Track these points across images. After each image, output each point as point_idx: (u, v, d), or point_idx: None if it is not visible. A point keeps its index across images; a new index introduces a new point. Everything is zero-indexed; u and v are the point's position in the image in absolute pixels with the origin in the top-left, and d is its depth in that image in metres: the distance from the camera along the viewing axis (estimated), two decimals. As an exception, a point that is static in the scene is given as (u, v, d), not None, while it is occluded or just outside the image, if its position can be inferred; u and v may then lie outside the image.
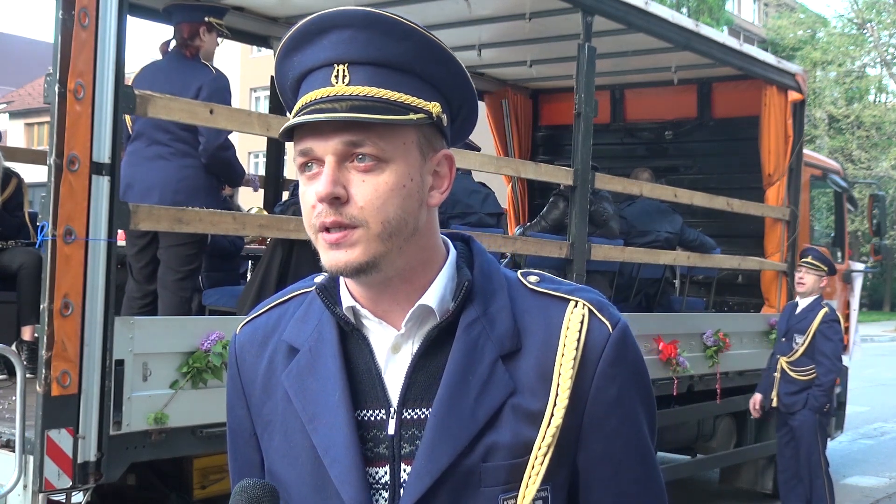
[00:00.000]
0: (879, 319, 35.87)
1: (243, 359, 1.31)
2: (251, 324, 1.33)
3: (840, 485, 8.41)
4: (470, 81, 1.23)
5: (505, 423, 1.15)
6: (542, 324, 1.19)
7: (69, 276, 3.28)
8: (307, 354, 1.22)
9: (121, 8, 3.42)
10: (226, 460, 4.46)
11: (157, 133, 4.58)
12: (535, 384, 1.16)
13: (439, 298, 1.18)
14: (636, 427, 1.21)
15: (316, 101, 1.14)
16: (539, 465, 1.14)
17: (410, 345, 1.19)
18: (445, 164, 1.21)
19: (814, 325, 6.10)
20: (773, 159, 7.26)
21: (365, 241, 1.13)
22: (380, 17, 1.14)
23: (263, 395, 1.26)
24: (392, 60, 1.14)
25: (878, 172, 31.69)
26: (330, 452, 1.16)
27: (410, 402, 1.17)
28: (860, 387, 13.54)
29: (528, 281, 1.24)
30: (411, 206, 1.15)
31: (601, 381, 1.17)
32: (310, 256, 4.74)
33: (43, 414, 3.23)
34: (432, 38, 1.17)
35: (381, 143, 1.12)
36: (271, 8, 6.32)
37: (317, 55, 1.15)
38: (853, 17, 33.88)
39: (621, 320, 1.20)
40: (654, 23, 6.00)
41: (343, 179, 1.13)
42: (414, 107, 1.14)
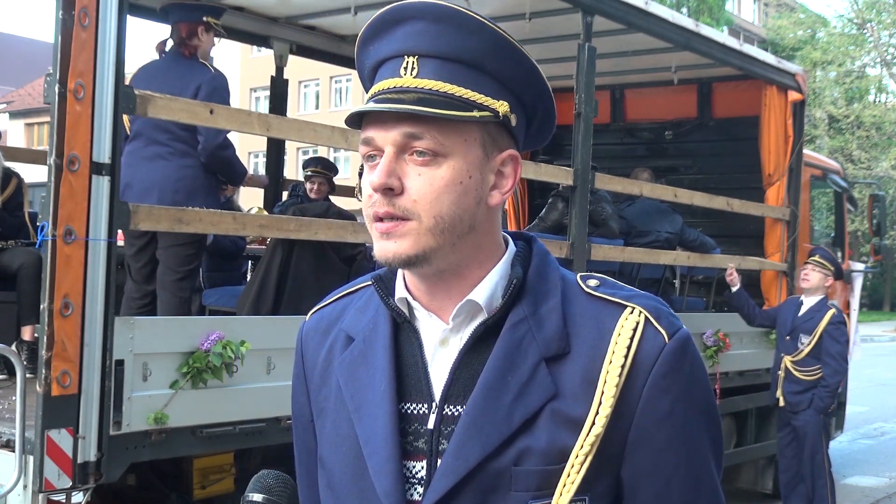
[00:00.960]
0: (879, 319, 35.87)
1: (307, 346, 1.32)
2: (318, 313, 1.34)
3: (840, 485, 8.41)
4: (544, 81, 1.21)
5: (542, 427, 1.12)
6: (593, 328, 1.15)
7: (69, 276, 3.27)
8: (361, 344, 1.22)
9: (121, 8, 3.42)
10: (226, 460, 4.44)
11: (156, 133, 4.58)
12: (578, 390, 1.12)
13: (489, 295, 1.17)
14: (691, 444, 1.15)
15: (384, 91, 1.15)
16: (575, 473, 1.10)
17: (458, 340, 1.18)
18: (510, 165, 1.19)
19: (821, 326, 6.09)
20: (773, 159, 7.26)
21: (416, 234, 1.12)
22: (452, 10, 1.14)
23: (321, 382, 1.27)
24: (462, 55, 1.14)
25: (878, 172, 31.68)
26: (370, 443, 1.16)
27: (452, 398, 1.16)
28: (860, 387, 13.54)
29: (586, 284, 1.20)
30: (467, 203, 1.14)
31: (652, 391, 1.12)
32: (310, 256, 4.75)
33: (43, 414, 3.23)
34: (504, 34, 1.16)
35: (440, 137, 1.12)
36: (271, 8, 6.32)
37: (389, 46, 1.16)
38: (853, 17, 33.87)
39: (681, 330, 1.15)
40: (654, 23, 6.00)
41: (399, 171, 1.13)
42: (479, 104, 1.14)
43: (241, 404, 3.89)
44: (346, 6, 5.97)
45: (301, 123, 4.48)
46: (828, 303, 6.30)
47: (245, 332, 3.88)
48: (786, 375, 6.24)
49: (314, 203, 6.04)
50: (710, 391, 1.19)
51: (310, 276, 4.73)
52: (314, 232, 4.31)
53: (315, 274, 4.75)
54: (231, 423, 3.86)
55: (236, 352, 3.77)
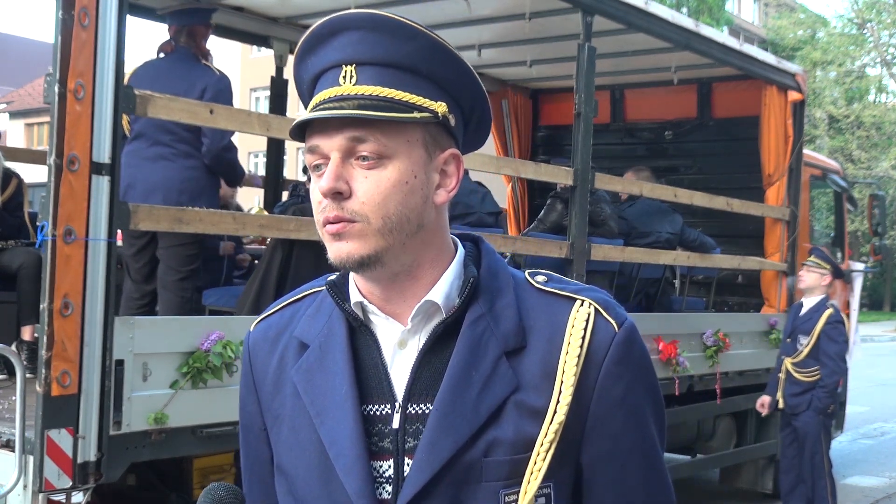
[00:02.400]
0: (879, 319, 35.87)
1: (256, 355, 1.34)
2: (265, 321, 1.36)
3: (840, 485, 8.40)
4: (479, 84, 1.24)
5: (507, 418, 1.16)
6: (547, 322, 1.20)
7: (69, 276, 3.28)
8: (317, 350, 1.25)
9: (121, 8, 3.42)
10: (226, 460, 4.44)
11: (159, 133, 4.58)
12: (538, 381, 1.17)
13: (445, 295, 1.20)
14: (642, 427, 1.21)
15: (324, 100, 1.18)
16: (541, 461, 1.15)
17: (417, 340, 1.21)
18: (453, 164, 1.23)
19: (818, 326, 6.10)
20: (773, 159, 7.26)
21: (366, 236, 1.16)
22: (386, 19, 1.17)
23: (273, 390, 1.29)
24: (398, 61, 1.17)
25: (878, 172, 31.68)
26: (336, 445, 1.19)
27: (415, 397, 1.19)
28: (860, 387, 13.54)
29: (535, 280, 1.25)
30: (414, 202, 1.17)
31: (606, 379, 1.18)
32: (310, 256, 4.75)
33: (43, 414, 3.24)
34: (438, 39, 1.19)
35: (384, 139, 1.15)
36: (271, 8, 6.32)
37: (327, 56, 1.19)
38: (853, 17, 33.87)
39: (628, 320, 1.21)
40: (654, 23, 6.00)
41: (346, 175, 1.16)
42: (419, 106, 1.17)
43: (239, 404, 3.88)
44: (346, 6, 5.95)
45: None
46: (827, 303, 6.30)
47: (245, 332, 3.87)
48: (787, 377, 6.25)
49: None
50: (655, 376, 1.26)
51: (310, 276, 4.68)
52: (314, 232, 4.30)
53: (315, 274, 4.68)
54: (231, 423, 3.86)
55: (236, 352, 3.78)
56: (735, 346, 6.80)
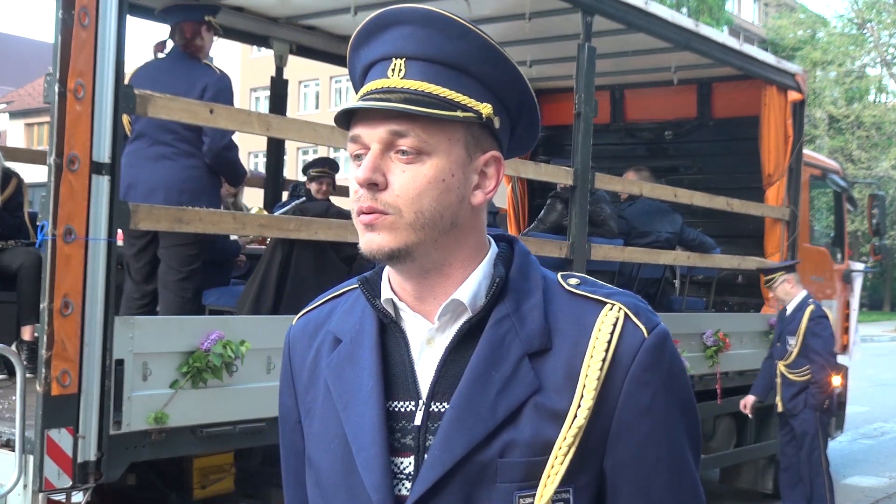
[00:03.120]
0: (879, 319, 35.89)
1: (294, 349, 1.35)
2: (305, 316, 1.37)
3: (840, 485, 8.41)
4: (528, 88, 1.24)
5: (526, 420, 1.15)
6: (574, 325, 1.19)
7: (69, 276, 3.28)
8: (348, 345, 1.25)
9: (121, 8, 3.42)
10: (226, 460, 4.43)
11: (160, 133, 4.57)
12: (561, 384, 1.16)
13: (472, 294, 1.20)
14: (671, 436, 1.18)
15: (371, 91, 1.19)
16: (559, 464, 1.13)
17: (444, 339, 1.21)
18: (493, 166, 1.22)
19: (803, 325, 6.13)
20: (772, 159, 7.26)
21: (397, 229, 1.16)
22: (439, 15, 1.17)
23: (308, 384, 1.31)
24: (447, 58, 1.18)
25: (878, 172, 31.68)
26: (358, 440, 1.19)
27: (439, 396, 1.19)
28: (860, 387, 13.54)
29: (567, 283, 1.24)
30: (449, 200, 1.17)
31: (632, 385, 1.16)
32: (310, 256, 4.75)
33: (43, 414, 3.24)
34: (489, 40, 1.19)
35: (424, 135, 1.16)
36: (271, 8, 6.32)
37: (379, 49, 1.20)
38: (853, 17, 33.87)
39: (659, 325, 1.19)
40: (654, 23, 6.00)
41: (384, 167, 1.17)
42: (463, 105, 1.17)
43: (241, 404, 3.89)
44: (346, 6, 5.97)
45: (301, 123, 4.48)
46: (808, 300, 6.33)
47: (245, 332, 3.88)
48: (782, 380, 6.27)
49: (314, 203, 6.04)
50: (688, 385, 1.23)
51: (310, 276, 4.73)
52: (314, 232, 4.31)
53: (315, 274, 4.75)
54: (231, 423, 3.87)
55: (236, 351, 3.78)
56: (735, 346, 6.80)
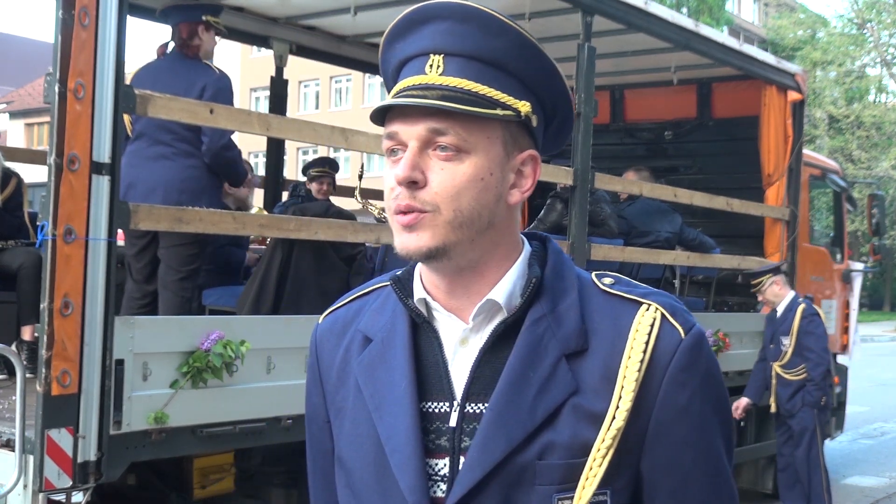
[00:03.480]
0: (879, 319, 35.89)
1: (322, 347, 1.33)
2: (332, 315, 1.35)
3: (840, 485, 8.41)
4: (565, 86, 1.23)
5: (564, 422, 1.14)
6: (611, 325, 1.18)
7: (69, 276, 3.28)
8: (379, 345, 1.24)
9: (121, 8, 3.42)
10: (226, 460, 4.42)
11: (159, 133, 4.57)
12: (598, 385, 1.15)
13: (507, 294, 1.19)
14: (707, 437, 1.18)
15: (408, 87, 1.17)
16: (597, 466, 1.12)
17: (478, 339, 1.20)
18: (530, 165, 1.21)
19: (795, 324, 6.14)
20: (772, 159, 7.26)
21: (435, 227, 1.15)
22: (479, 11, 1.16)
23: (338, 383, 1.29)
24: (486, 55, 1.16)
25: (878, 172, 31.68)
26: (392, 441, 1.18)
27: (473, 396, 1.17)
28: (860, 387, 13.54)
29: (601, 282, 1.23)
30: (487, 199, 1.16)
31: (670, 386, 1.15)
32: (310, 256, 4.75)
33: (43, 413, 3.24)
34: (529, 37, 1.18)
35: (464, 133, 1.14)
36: (271, 8, 6.32)
37: (416, 44, 1.18)
38: (853, 17, 33.86)
39: (696, 326, 1.19)
40: (653, 23, 6.00)
41: (423, 165, 1.15)
42: (502, 103, 1.16)
43: (241, 404, 3.89)
44: (346, 6, 5.98)
45: (301, 123, 4.48)
46: (798, 299, 6.34)
47: (245, 332, 3.88)
48: (778, 381, 6.26)
49: (314, 203, 6.04)
50: (723, 386, 1.22)
51: (310, 275, 4.73)
52: (314, 232, 4.31)
53: (315, 274, 4.75)
54: (231, 423, 3.87)
55: (236, 351, 3.78)
56: (735, 346, 6.80)
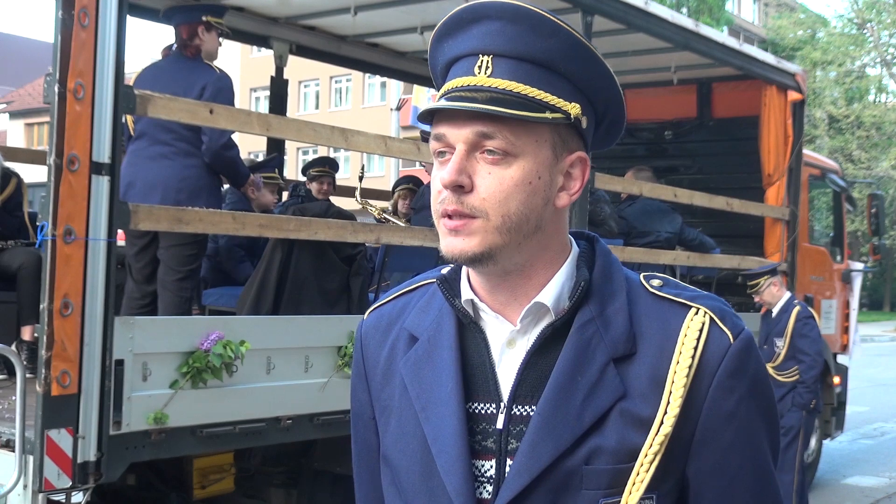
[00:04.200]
0: (879, 319, 35.88)
1: (367, 344, 1.32)
2: (377, 311, 1.34)
3: (840, 485, 8.42)
4: (617, 86, 1.21)
5: (612, 426, 1.13)
6: (659, 329, 1.17)
7: (69, 276, 3.28)
8: (425, 344, 1.23)
9: (121, 8, 3.42)
10: (226, 460, 4.43)
11: (159, 132, 4.58)
12: (646, 390, 1.14)
13: (555, 297, 1.18)
14: (754, 442, 1.17)
15: (457, 88, 1.15)
16: (644, 472, 1.12)
17: (525, 341, 1.19)
18: (579, 167, 1.20)
19: (790, 326, 6.12)
20: (772, 159, 7.26)
21: (483, 233, 1.13)
22: (530, 11, 1.14)
23: (383, 381, 1.28)
24: (536, 56, 1.15)
25: (878, 172, 31.68)
26: (438, 442, 1.18)
27: (521, 399, 1.17)
28: (860, 387, 13.54)
29: (650, 285, 1.22)
30: (535, 203, 1.15)
31: (718, 391, 1.14)
32: (310, 256, 4.75)
33: (43, 414, 3.24)
34: (580, 38, 1.16)
35: (512, 137, 1.13)
36: (271, 8, 6.32)
37: (465, 43, 1.17)
38: (853, 17, 33.86)
39: (745, 331, 1.17)
40: (653, 23, 6.00)
41: (470, 169, 1.14)
42: (552, 105, 1.15)
43: (241, 404, 3.89)
44: (346, 6, 5.98)
45: (301, 123, 4.48)
46: (793, 301, 6.33)
47: (245, 332, 3.88)
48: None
49: (314, 203, 6.04)
50: (771, 391, 1.21)
51: (310, 276, 4.73)
52: (314, 232, 4.31)
53: (315, 274, 4.75)
54: (231, 423, 3.87)
55: (236, 352, 3.78)
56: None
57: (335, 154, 22.90)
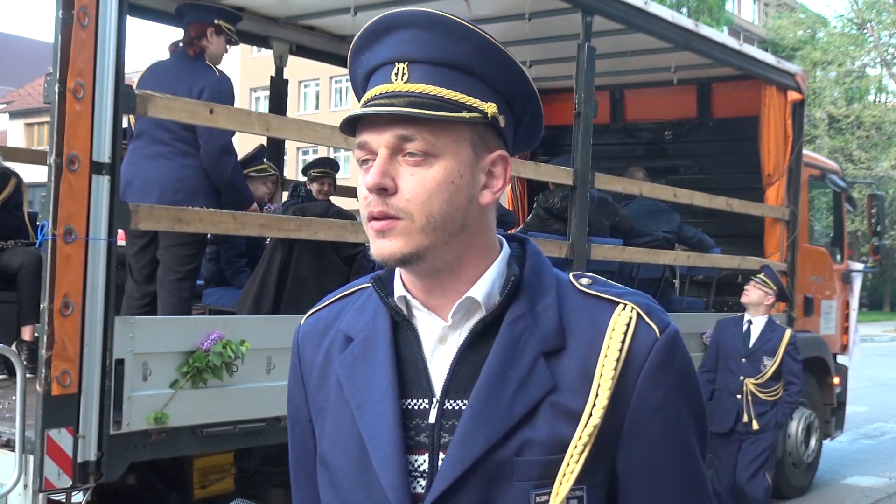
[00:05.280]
0: (879, 319, 35.89)
1: (304, 348, 1.35)
2: (314, 316, 1.37)
3: (840, 485, 8.42)
4: (531, 85, 1.25)
5: (542, 419, 1.16)
6: (588, 324, 1.20)
7: (69, 276, 3.28)
8: (360, 344, 1.26)
9: (121, 8, 3.42)
10: (226, 460, 4.42)
11: (158, 132, 4.58)
12: (576, 383, 1.17)
13: (486, 292, 1.21)
14: (681, 434, 1.21)
15: (376, 96, 1.19)
16: (574, 463, 1.15)
17: (457, 337, 1.22)
18: (500, 165, 1.23)
19: (782, 347, 6.08)
20: (772, 159, 7.26)
21: (409, 234, 1.16)
22: (440, 17, 1.18)
23: (319, 382, 1.30)
24: (451, 60, 1.18)
25: (878, 172, 31.68)
26: (374, 439, 1.20)
27: (452, 393, 1.19)
28: (860, 387, 13.54)
29: (579, 283, 1.25)
30: (459, 202, 1.18)
31: (645, 384, 1.18)
32: (310, 256, 4.75)
33: (43, 413, 3.24)
34: (491, 40, 1.20)
35: (431, 138, 1.16)
36: (271, 8, 6.32)
37: (381, 53, 1.20)
38: (853, 17, 33.87)
39: (671, 325, 1.21)
40: (653, 23, 6.00)
41: (393, 172, 1.17)
42: (468, 105, 1.18)
43: (241, 404, 3.89)
44: (346, 6, 5.98)
45: (301, 123, 4.48)
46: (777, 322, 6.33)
47: (245, 332, 3.88)
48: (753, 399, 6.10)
49: (314, 203, 6.03)
50: (697, 383, 1.25)
51: (310, 276, 4.73)
52: (314, 232, 4.31)
53: (315, 274, 4.75)
54: (231, 423, 3.87)
55: (236, 351, 3.78)
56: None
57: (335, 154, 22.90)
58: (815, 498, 7.84)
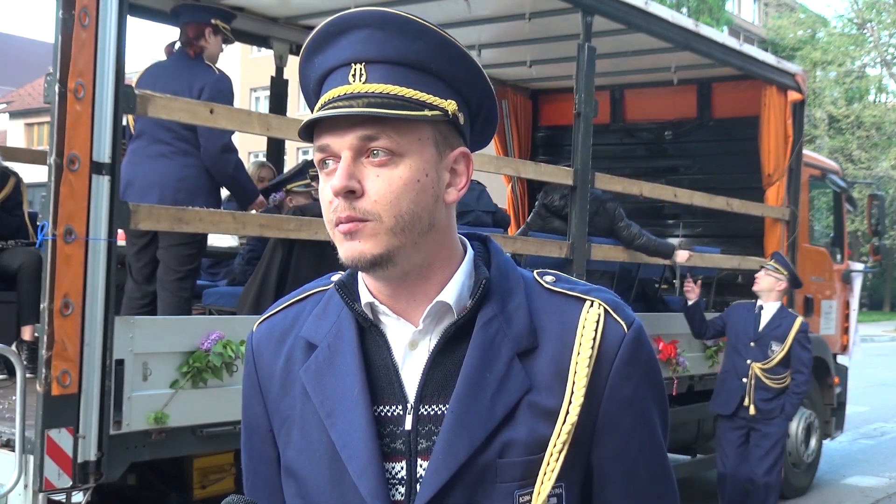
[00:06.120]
0: (879, 319, 35.88)
1: (260, 355, 1.31)
2: (268, 321, 1.33)
3: (840, 485, 8.42)
4: (487, 82, 1.24)
5: (521, 419, 1.17)
6: (558, 322, 1.20)
7: (69, 276, 3.28)
8: (325, 350, 1.23)
9: (121, 8, 3.43)
10: (226, 460, 4.42)
11: (159, 132, 4.58)
12: (550, 382, 1.18)
13: (457, 296, 1.20)
14: (649, 427, 1.23)
15: (334, 98, 1.17)
16: (555, 461, 1.16)
17: (428, 341, 1.20)
18: (463, 162, 1.22)
19: (792, 334, 6.05)
20: (772, 159, 7.26)
21: (378, 234, 1.15)
22: (395, 16, 1.16)
23: (281, 392, 1.27)
24: (408, 59, 1.17)
25: (878, 172, 31.68)
26: (348, 447, 1.18)
27: (427, 399, 1.18)
28: (860, 387, 13.54)
29: (544, 280, 1.25)
30: (425, 201, 1.17)
31: (616, 380, 1.19)
32: (310, 256, 4.75)
33: (43, 413, 3.24)
34: (448, 37, 1.19)
35: (395, 137, 1.15)
36: (271, 8, 6.32)
37: (336, 55, 1.18)
38: (853, 17, 33.86)
39: (636, 321, 1.22)
40: (654, 23, 6.00)
41: (358, 174, 1.15)
42: (429, 104, 1.16)
43: (241, 404, 3.88)
44: (346, 6, 5.95)
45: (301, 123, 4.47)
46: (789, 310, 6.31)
47: (245, 332, 3.85)
48: (756, 383, 6.09)
49: (314, 203, 6.03)
50: (661, 376, 1.27)
51: (310, 275, 4.70)
52: (314, 232, 4.31)
53: (315, 274, 4.70)
54: (231, 423, 3.87)
55: (236, 351, 3.78)
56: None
57: (335, 154, 22.87)
58: (815, 498, 7.85)
